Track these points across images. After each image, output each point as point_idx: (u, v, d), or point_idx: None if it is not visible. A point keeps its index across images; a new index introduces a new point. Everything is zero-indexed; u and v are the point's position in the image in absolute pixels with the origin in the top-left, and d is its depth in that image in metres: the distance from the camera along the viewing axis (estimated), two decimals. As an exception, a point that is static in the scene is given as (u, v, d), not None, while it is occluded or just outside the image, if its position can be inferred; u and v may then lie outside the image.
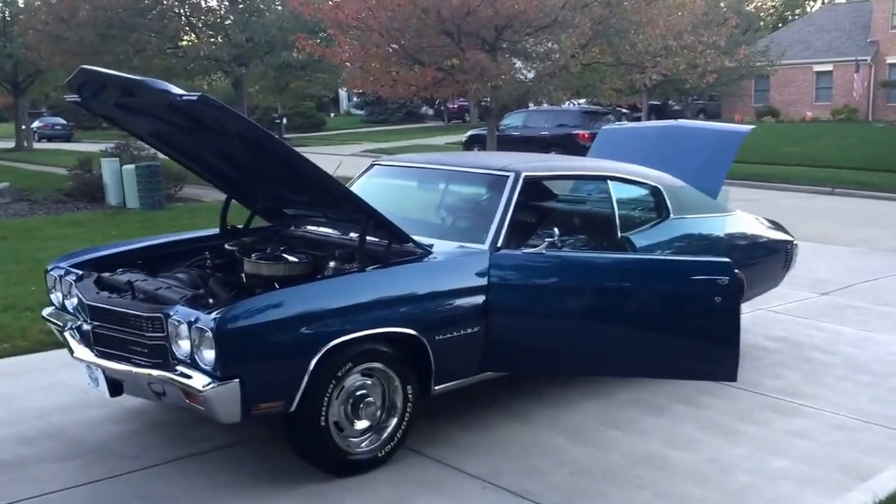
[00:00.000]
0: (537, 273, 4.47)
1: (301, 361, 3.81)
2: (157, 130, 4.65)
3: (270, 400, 3.80)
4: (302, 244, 5.05)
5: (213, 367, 3.65)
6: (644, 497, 3.99)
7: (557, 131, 22.68)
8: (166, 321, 3.86)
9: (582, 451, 4.50)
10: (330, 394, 3.95)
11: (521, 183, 4.83)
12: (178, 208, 14.10)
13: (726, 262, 4.36)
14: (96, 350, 4.15)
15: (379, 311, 4.06)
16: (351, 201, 4.24)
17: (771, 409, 5.14)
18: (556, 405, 5.15)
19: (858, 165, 21.49)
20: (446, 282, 4.34)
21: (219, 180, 5.11)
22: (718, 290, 4.29)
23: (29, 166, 25.00)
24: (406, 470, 4.23)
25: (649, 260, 4.58)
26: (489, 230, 4.65)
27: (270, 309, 3.78)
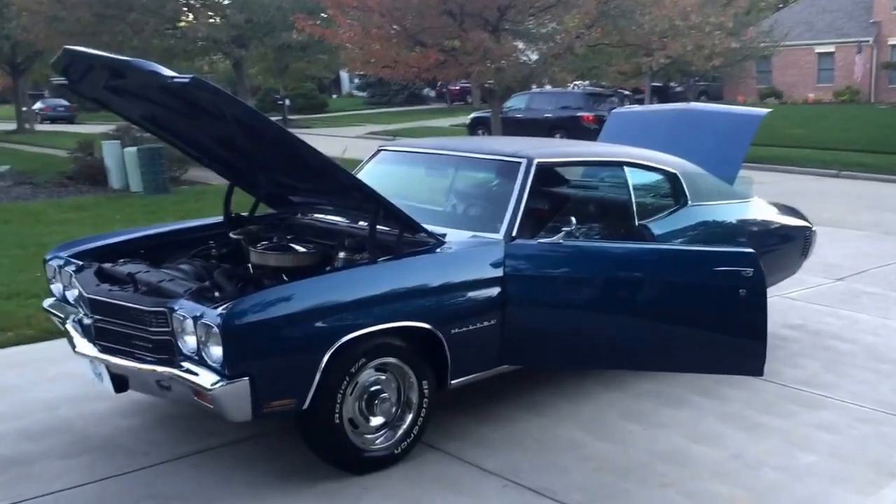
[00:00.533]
0: (555, 264, 4.32)
1: (313, 357, 3.67)
2: (151, 114, 4.49)
3: (282, 397, 3.67)
4: (309, 233, 4.90)
5: (221, 364, 3.51)
6: (669, 496, 3.86)
7: (561, 113, 22.43)
8: (171, 316, 3.72)
9: (602, 447, 4.37)
10: (344, 390, 3.82)
11: (534, 169, 4.67)
12: (183, 192, 13.92)
13: (751, 252, 4.22)
14: (99, 345, 4.01)
15: (393, 304, 3.92)
16: (359, 189, 4.08)
17: (793, 401, 5.00)
18: (572, 397, 5.02)
19: (863, 148, 21.27)
20: (461, 273, 4.20)
21: (220, 166, 4.95)
22: (743, 282, 4.15)
23: (30, 149, 24.84)
24: (423, 466, 4.10)
25: (671, 250, 4.43)
26: (503, 219, 4.50)
27: (280, 303, 3.63)
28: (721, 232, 5.53)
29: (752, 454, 4.29)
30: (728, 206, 5.71)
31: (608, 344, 4.36)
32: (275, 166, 4.51)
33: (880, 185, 16.62)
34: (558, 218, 4.79)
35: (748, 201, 5.92)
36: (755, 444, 4.42)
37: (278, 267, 4.32)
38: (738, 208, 5.78)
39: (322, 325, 3.70)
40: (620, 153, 5.35)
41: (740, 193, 5.91)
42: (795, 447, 4.39)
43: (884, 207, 13.46)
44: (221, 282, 4.00)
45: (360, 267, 3.99)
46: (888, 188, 16.25)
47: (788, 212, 6.35)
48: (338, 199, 4.62)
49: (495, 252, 4.30)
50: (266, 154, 4.29)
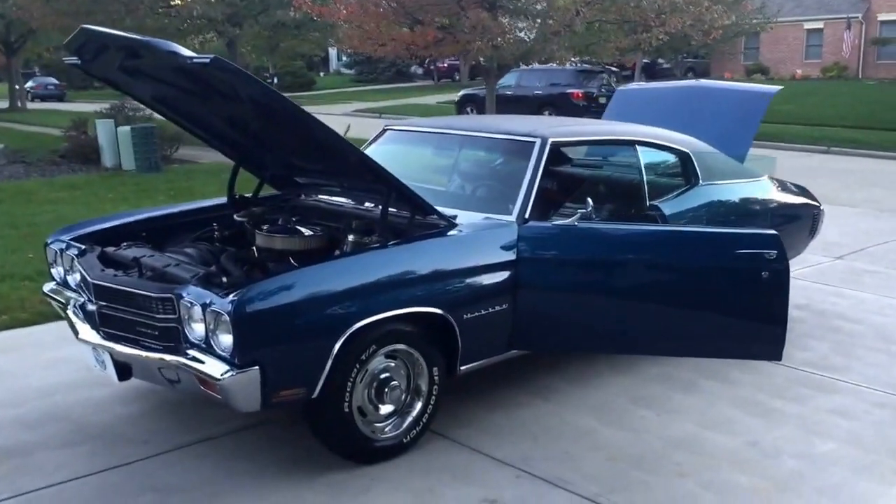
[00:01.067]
0: (570, 247, 4.20)
1: (324, 345, 3.55)
2: (161, 94, 4.34)
3: (292, 387, 3.55)
4: (315, 215, 4.77)
5: (230, 353, 3.38)
6: (687, 487, 3.77)
7: (551, 90, 22.30)
8: (178, 302, 3.59)
9: (614, 434, 4.28)
10: (354, 378, 3.71)
11: (548, 149, 4.55)
12: (175, 170, 13.72)
13: (774, 234, 4.12)
14: (102, 332, 3.87)
15: (405, 289, 3.81)
16: (372, 170, 3.95)
17: (806, 385, 4.93)
18: (580, 382, 4.92)
19: (852, 124, 21.26)
20: (473, 257, 4.07)
21: (226, 147, 4.81)
22: (765, 265, 4.05)
23: (23, 127, 24.55)
24: (432, 455, 4.00)
25: (692, 232, 4.31)
26: (516, 200, 4.38)
27: (292, 289, 3.50)
28: (732, 211, 5.43)
29: (769, 441, 4.21)
30: (739, 185, 5.60)
31: (624, 329, 4.25)
32: (286, 147, 4.36)
33: (871, 161, 16.61)
34: (573, 199, 4.67)
35: (758, 180, 5.81)
36: (771, 430, 4.34)
37: (285, 250, 4.19)
38: (748, 187, 5.68)
39: (334, 312, 3.58)
40: (633, 132, 5.23)
41: (750, 172, 5.81)
42: (812, 434, 4.31)
43: (876, 184, 13.43)
44: (229, 267, 3.87)
45: (372, 251, 3.86)
46: (879, 164, 16.24)
47: (797, 190, 6.25)
48: (348, 180, 4.48)
49: (508, 234, 4.19)
50: (278, 134, 4.15)
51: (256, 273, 3.90)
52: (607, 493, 3.69)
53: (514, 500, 3.64)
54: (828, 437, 4.27)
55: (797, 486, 3.77)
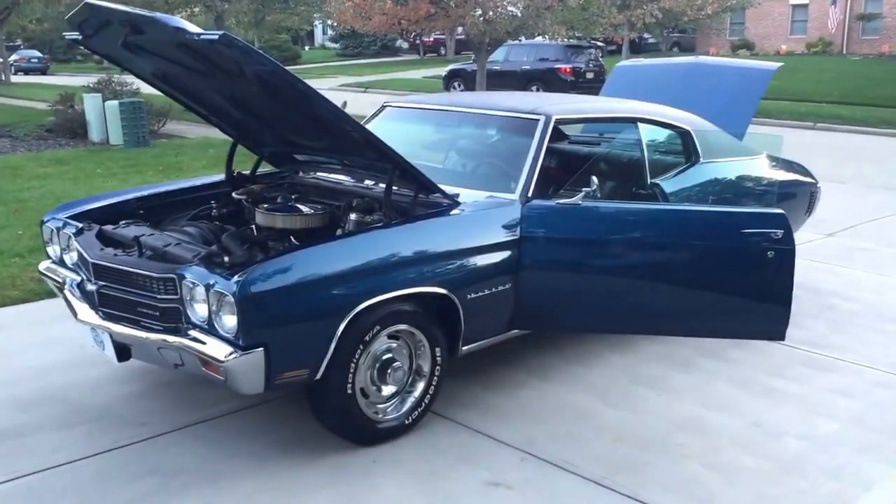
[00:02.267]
0: (574, 226, 4.16)
1: (329, 326, 3.50)
2: (162, 70, 4.25)
3: (296, 368, 3.50)
4: (315, 193, 4.70)
5: (234, 334, 3.33)
6: (693, 468, 3.76)
7: (539, 65, 22.18)
8: (180, 283, 3.52)
9: (616, 415, 4.26)
10: (357, 359, 3.66)
11: (551, 126, 4.50)
12: (163, 145, 13.55)
13: (780, 213, 4.09)
14: (101, 312, 3.81)
15: (409, 269, 3.75)
16: (376, 148, 3.87)
17: (805, 364, 4.92)
18: (579, 361, 4.90)
19: (838, 99, 21.27)
20: (477, 236, 4.02)
21: (225, 123, 4.72)
22: (772, 244, 4.02)
23: (8, 101, 24.25)
24: (434, 437, 3.97)
25: (697, 212, 4.27)
26: (519, 178, 4.32)
27: (297, 269, 3.44)
28: (731, 189, 5.39)
29: (772, 422, 4.20)
30: (738, 163, 5.56)
31: (627, 309, 4.23)
32: (288, 124, 4.28)
33: (857, 137, 16.62)
34: (575, 177, 4.62)
35: (757, 157, 5.77)
36: (773, 410, 4.33)
37: (285, 229, 4.13)
38: (747, 165, 5.64)
39: (339, 293, 3.53)
40: (635, 109, 5.17)
41: (749, 149, 5.76)
42: (814, 414, 4.30)
43: (863, 159, 13.45)
44: (230, 246, 3.80)
45: (376, 230, 3.79)
46: (865, 140, 16.26)
47: (794, 167, 6.22)
48: (350, 157, 4.40)
49: (511, 213, 4.14)
50: (281, 111, 4.07)
51: (258, 253, 3.84)
52: (613, 474, 3.67)
53: (520, 482, 3.62)
54: (830, 418, 4.26)
55: (802, 468, 3.76)
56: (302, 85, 3.56)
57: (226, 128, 4.79)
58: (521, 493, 3.54)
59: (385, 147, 3.84)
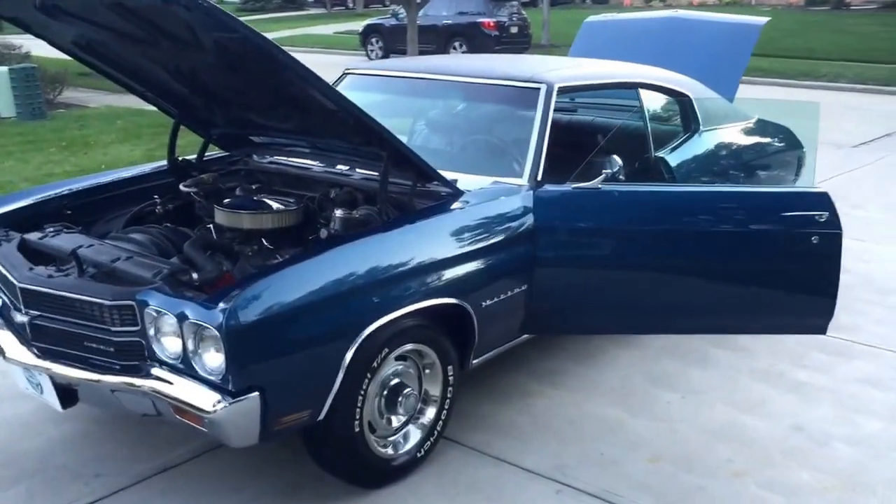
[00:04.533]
0: (595, 214, 3.60)
1: (335, 355, 2.87)
2: (87, 38, 3.46)
3: (297, 410, 2.85)
4: (279, 182, 4.02)
5: (221, 376, 2.66)
6: (750, 490, 3.29)
7: (460, 20, 21.37)
8: (140, 311, 2.81)
9: (644, 426, 3.76)
10: (365, 390, 3.03)
11: (554, 96, 3.90)
12: (62, 116, 12.29)
13: (823, 192, 3.62)
14: (36, 348, 3.06)
15: (420, 278, 3.14)
16: (368, 130, 3.19)
17: (820, 350, 4.52)
18: (586, 362, 4.38)
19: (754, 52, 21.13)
20: (489, 232, 3.42)
21: (164, 100, 3.96)
22: (817, 227, 3.55)
23: None
24: (453, 470, 3.39)
25: (733, 193, 3.77)
26: (525, 159, 3.73)
27: (293, 288, 2.77)
28: (734, 158, 4.94)
29: (813, 424, 3.78)
30: (736, 129, 5.10)
31: (655, 307, 3.71)
32: (251, 101, 3.56)
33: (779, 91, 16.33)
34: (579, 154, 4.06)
35: (752, 122, 5.31)
36: (809, 410, 3.92)
37: (254, 230, 3.44)
38: (745, 131, 5.19)
39: (344, 314, 2.88)
40: (637, 73, 4.61)
41: (743, 114, 5.30)
42: (852, 411, 3.91)
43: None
44: (196, 258, 3.11)
45: (379, 234, 3.13)
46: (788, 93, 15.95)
47: (783, 131, 5.80)
48: (327, 140, 3.72)
49: (522, 201, 3.55)
50: (244, 86, 3.37)
51: (225, 262, 3.14)
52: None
53: (564, 525, 3.09)
54: (870, 415, 3.88)
55: (864, 481, 3.34)
56: (284, 56, 2.86)
57: (165, 105, 4.03)
58: (574, 545, 3.01)
59: (380, 129, 3.17)
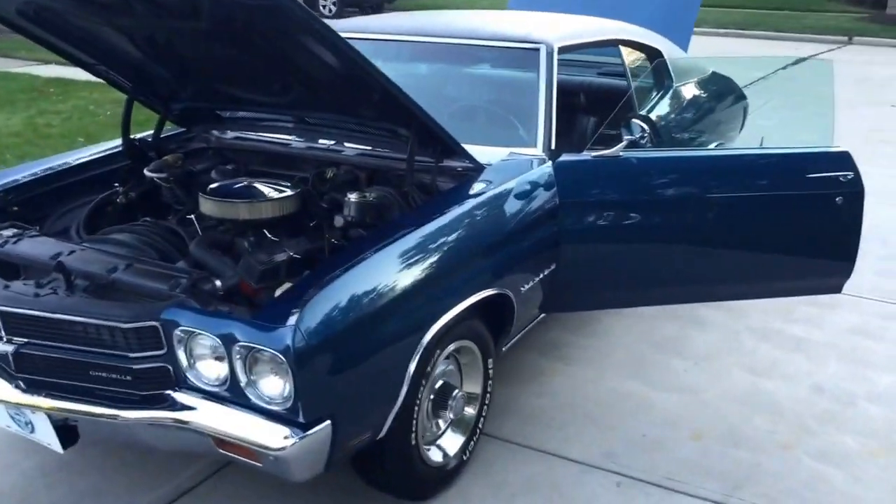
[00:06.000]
0: (618, 184, 3.36)
1: (399, 365, 2.53)
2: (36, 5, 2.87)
3: (362, 433, 2.50)
4: (257, 161, 3.56)
5: (288, 407, 2.25)
6: (804, 463, 3.18)
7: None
8: (167, 333, 2.36)
9: (670, 400, 3.61)
10: (420, 398, 2.70)
11: (556, 57, 3.61)
12: None
13: (845, 152, 3.50)
14: (22, 381, 2.54)
15: (471, 269, 2.82)
16: (394, 99, 2.76)
17: (802, 302, 4.46)
18: (583, 332, 4.19)
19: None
20: (522, 210, 3.12)
21: (120, 73, 3.41)
22: (840, 188, 3.44)
23: None
24: (500, 469, 3.12)
25: (757, 156, 3.60)
26: (536, 127, 3.43)
27: (356, 298, 2.38)
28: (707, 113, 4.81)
29: (832, 384, 3.74)
30: (704, 82, 4.98)
31: (682, 276, 3.52)
32: (245, 70, 3.04)
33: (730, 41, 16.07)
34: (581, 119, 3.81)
35: (708, 74, 5.18)
36: (820, 369, 3.89)
37: (250, 220, 3.00)
38: (710, 84, 5.07)
39: (405, 319, 2.53)
40: (619, 29, 4.37)
41: (700, 67, 5.17)
42: (860, 365, 3.92)
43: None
44: (212, 262, 2.66)
45: (426, 224, 2.74)
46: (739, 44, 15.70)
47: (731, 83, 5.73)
48: (333, 112, 3.26)
49: (542, 174, 3.26)
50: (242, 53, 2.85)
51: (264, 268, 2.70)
52: (732, 489, 3.02)
53: (640, 520, 2.88)
54: (877, 368, 3.89)
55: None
56: (319, 24, 2.43)
57: (117, 78, 3.48)
58: (654, 540, 2.81)
59: (409, 99, 2.77)
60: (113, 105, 9.01)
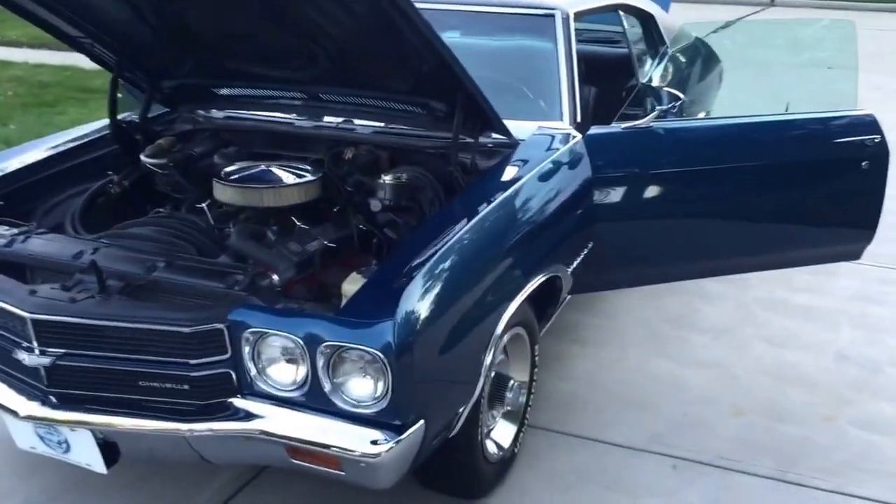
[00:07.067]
0: (650, 156, 3.23)
1: (478, 357, 2.35)
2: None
3: (442, 431, 2.31)
4: (260, 142, 3.29)
5: (382, 409, 2.05)
6: (851, 433, 3.14)
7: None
8: (234, 336, 2.12)
9: (701, 376, 3.53)
10: (483, 390, 2.52)
11: (572, 24, 3.46)
12: None
13: (870, 115, 3.45)
14: (55, 397, 2.26)
15: (531, 253, 2.66)
16: (447, 67, 2.51)
17: (803, 271, 4.38)
18: (590, 310, 4.06)
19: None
20: (565, 187, 2.97)
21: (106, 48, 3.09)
22: (867, 153, 3.40)
23: None
24: (544, 458, 2.97)
25: (787, 122, 3.50)
26: (559, 99, 3.27)
27: (440, 289, 2.18)
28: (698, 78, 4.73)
29: (853, 351, 3.74)
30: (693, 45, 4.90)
31: (715, 249, 3.42)
32: (270, 43, 2.78)
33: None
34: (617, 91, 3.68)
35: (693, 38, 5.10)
36: (835, 337, 3.89)
37: (272, 208, 2.77)
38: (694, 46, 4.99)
39: (482, 308, 2.36)
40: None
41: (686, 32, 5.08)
42: (876, 331, 3.94)
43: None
44: (263, 256, 2.43)
45: (486, 207, 2.53)
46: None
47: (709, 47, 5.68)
48: (366, 88, 3.00)
49: (575, 148, 3.11)
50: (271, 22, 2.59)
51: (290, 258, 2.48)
52: (788, 465, 2.95)
53: (704, 502, 2.78)
54: (892, 333, 3.92)
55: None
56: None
57: (102, 53, 3.16)
58: (728, 521, 2.71)
59: (461, 69, 2.56)
60: (13, 83, 8.43)
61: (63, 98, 7.83)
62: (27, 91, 8.12)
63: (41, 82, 8.50)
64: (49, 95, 7.95)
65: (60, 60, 8.96)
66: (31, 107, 7.51)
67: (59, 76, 8.73)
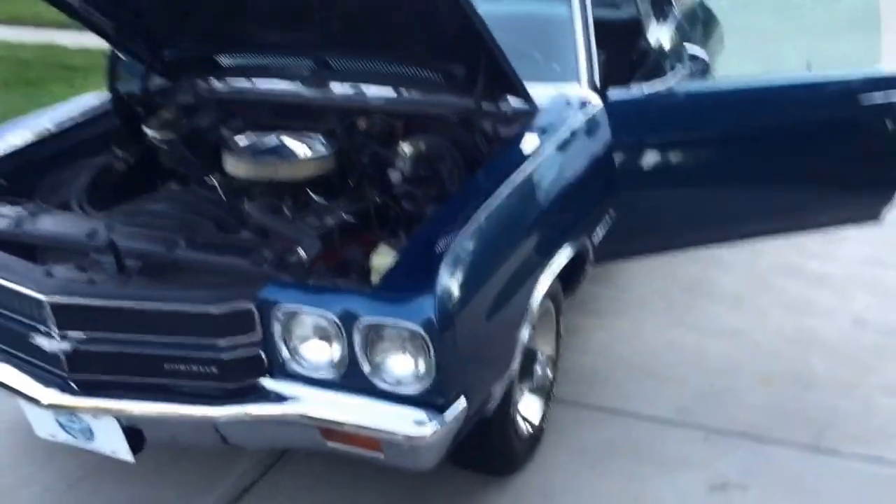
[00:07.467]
0: (674, 121, 3.16)
1: (514, 332, 2.28)
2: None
3: (480, 409, 2.23)
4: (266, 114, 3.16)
5: (425, 388, 1.96)
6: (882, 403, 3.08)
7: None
8: (266, 315, 2.02)
9: (722, 345, 3.47)
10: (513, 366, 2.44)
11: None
12: None
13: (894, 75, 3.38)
14: (75, 383, 2.15)
15: (563, 223, 2.59)
16: (472, 29, 2.40)
17: (809, 237, 4.37)
18: (601, 281, 3.94)
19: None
20: (589, 154, 2.89)
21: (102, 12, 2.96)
22: (892, 113, 3.33)
23: None
24: (571, 433, 2.91)
25: (812, 83, 3.41)
26: (576, 61, 3.16)
27: (481, 260, 2.11)
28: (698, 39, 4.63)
29: (869, 316, 3.69)
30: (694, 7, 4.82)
31: (734, 213, 3.36)
32: None
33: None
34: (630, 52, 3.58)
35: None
36: (849, 302, 3.83)
37: (285, 183, 2.66)
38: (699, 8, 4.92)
39: (519, 281, 2.28)
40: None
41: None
42: (889, 295, 3.89)
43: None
44: (287, 230, 2.33)
45: (521, 175, 2.44)
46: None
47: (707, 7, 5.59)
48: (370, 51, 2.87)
49: (597, 114, 3.01)
50: None
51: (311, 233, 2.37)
52: (822, 435, 2.90)
53: (739, 474, 2.72)
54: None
55: None
56: None
57: (101, 21, 3.01)
58: (764, 492, 2.65)
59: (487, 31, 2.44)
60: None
61: (47, 77, 7.61)
62: (8, 70, 7.89)
63: (21, 60, 8.27)
64: (32, 74, 7.74)
65: (39, 39, 8.72)
66: (15, 85, 7.30)
67: (39, 54, 8.50)
